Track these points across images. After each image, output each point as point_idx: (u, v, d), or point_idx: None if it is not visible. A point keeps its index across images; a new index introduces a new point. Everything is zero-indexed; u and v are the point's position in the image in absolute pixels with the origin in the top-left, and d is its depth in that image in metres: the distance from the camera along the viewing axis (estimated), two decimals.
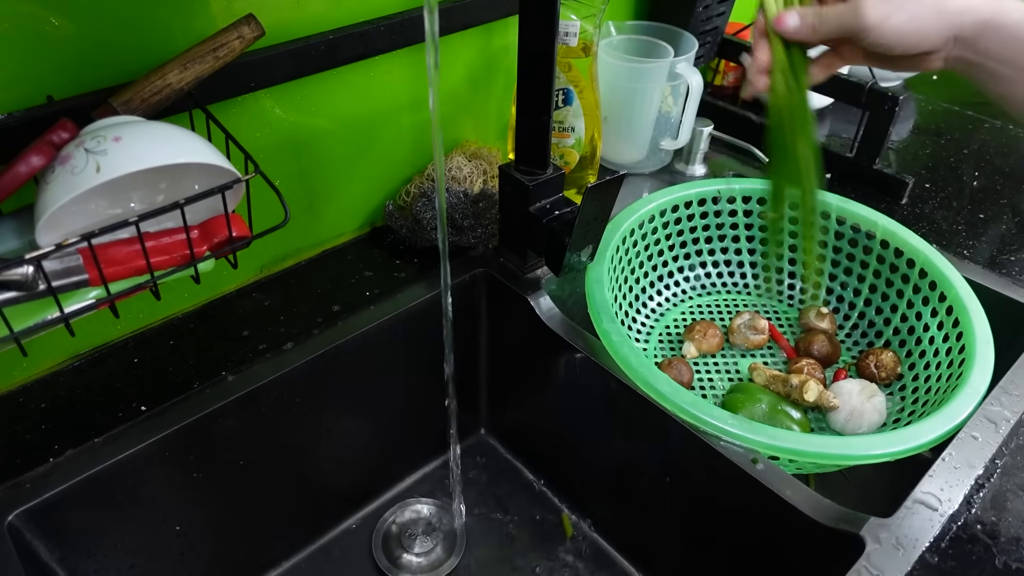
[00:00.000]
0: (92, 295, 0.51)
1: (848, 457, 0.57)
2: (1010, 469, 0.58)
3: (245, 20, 0.55)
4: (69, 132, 0.48)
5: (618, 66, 0.87)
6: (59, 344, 0.64)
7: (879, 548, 0.52)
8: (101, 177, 0.44)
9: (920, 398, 0.71)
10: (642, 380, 0.62)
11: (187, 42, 0.55)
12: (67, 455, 0.57)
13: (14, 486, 0.55)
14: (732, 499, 0.61)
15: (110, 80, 0.56)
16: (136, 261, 0.50)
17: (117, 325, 0.67)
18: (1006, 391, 0.64)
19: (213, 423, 0.62)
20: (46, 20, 0.52)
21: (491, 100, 0.87)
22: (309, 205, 0.76)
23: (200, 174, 0.53)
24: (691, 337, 0.80)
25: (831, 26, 0.49)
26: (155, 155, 0.46)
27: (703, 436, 0.60)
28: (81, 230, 0.46)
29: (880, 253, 0.80)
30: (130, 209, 0.53)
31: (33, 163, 0.46)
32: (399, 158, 0.81)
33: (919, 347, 0.75)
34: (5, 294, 0.45)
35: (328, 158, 0.75)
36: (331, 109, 0.72)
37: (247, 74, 0.62)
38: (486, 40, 0.82)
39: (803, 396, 0.70)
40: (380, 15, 0.70)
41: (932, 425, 0.59)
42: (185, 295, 0.71)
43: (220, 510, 0.68)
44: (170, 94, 0.53)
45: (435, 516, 0.82)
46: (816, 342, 0.79)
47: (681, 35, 0.92)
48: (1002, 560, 0.52)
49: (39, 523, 0.55)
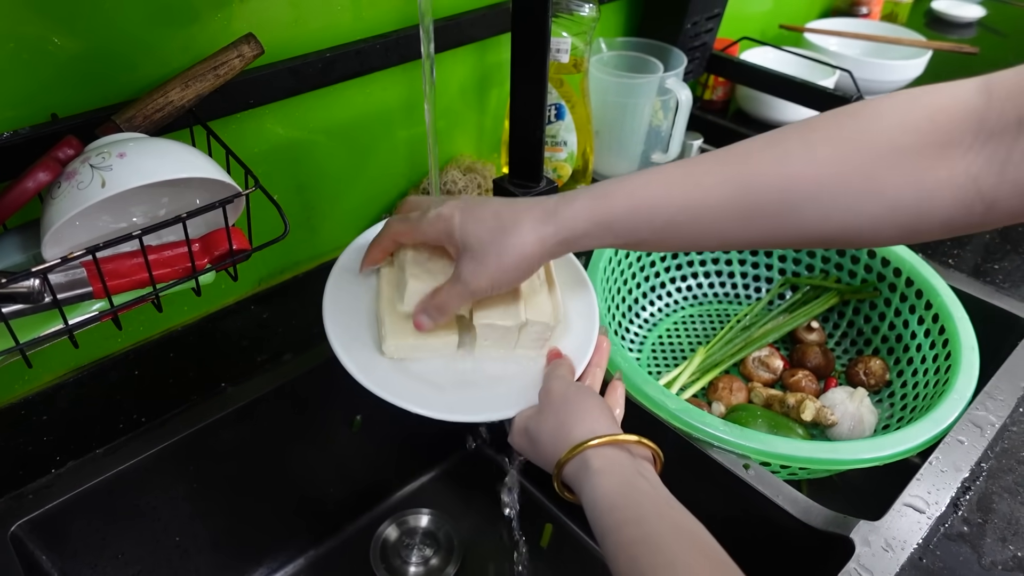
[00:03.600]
0: (95, 307, 0.52)
1: (837, 462, 0.59)
2: (995, 472, 0.60)
3: (245, 39, 0.56)
4: (74, 149, 0.50)
5: (609, 81, 0.89)
6: (60, 357, 0.65)
7: (868, 550, 0.53)
8: (106, 192, 0.45)
9: (908, 404, 0.72)
10: (635, 388, 0.63)
11: (188, 61, 0.56)
12: (68, 466, 0.58)
13: (16, 497, 0.56)
14: (724, 504, 0.62)
15: (113, 98, 0.57)
16: (139, 274, 0.51)
17: (118, 338, 0.68)
18: (991, 396, 0.65)
19: (212, 434, 0.63)
20: (49, 40, 0.54)
21: (485, 115, 0.89)
22: (307, 219, 0.77)
23: (201, 188, 0.54)
24: (717, 396, 0.76)
25: (451, 310, 0.52)
26: (158, 170, 0.47)
27: (696, 443, 0.61)
28: (85, 244, 0.47)
29: (867, 263, 0.82)
30: (133, 223, 0.54)
31: (40, 179, 0.47)
32: (395, 172, 0.83)
33: (907, 354, 0.77)
34: (12, 306, 0.46)
35: (325, 172, 0.76)
36: (328, 124, 0.73)
37: (246, 91, 0.64)
38: (480, 57, 0.84)
39: (800, 415, 0.71)
40: (376, 33, 0.72)
41: (919, 430, 0.60)
42: (185, 308, 0.71)
43: (219, 520, 0.68)
44: (172, 111, 0.54)
45: (433, 526, 0.83)
46: (810, 354, 0.80)
47: (670, 51, 0.94)
48: (988, 560, 0.53)
49: (41, 534, 0.56)
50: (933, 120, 0.40)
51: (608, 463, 0.45)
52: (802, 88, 1.01)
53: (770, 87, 1.06)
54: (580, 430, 0.47)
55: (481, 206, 0.50)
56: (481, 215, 0.50)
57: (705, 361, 0.81)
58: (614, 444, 0.46)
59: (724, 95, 1.18)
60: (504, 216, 0.49)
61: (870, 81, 1.18)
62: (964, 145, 0.39)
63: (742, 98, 1.18)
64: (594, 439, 0.46)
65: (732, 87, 1.18)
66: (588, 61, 0.83)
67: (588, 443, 0.46)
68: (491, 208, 0.50)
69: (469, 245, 0.49)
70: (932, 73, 1.25)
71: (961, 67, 1.39)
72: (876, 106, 0.43)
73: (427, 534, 0.82)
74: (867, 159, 0.41)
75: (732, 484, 0.59)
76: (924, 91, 0.42)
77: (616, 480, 0.44)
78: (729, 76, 1.13)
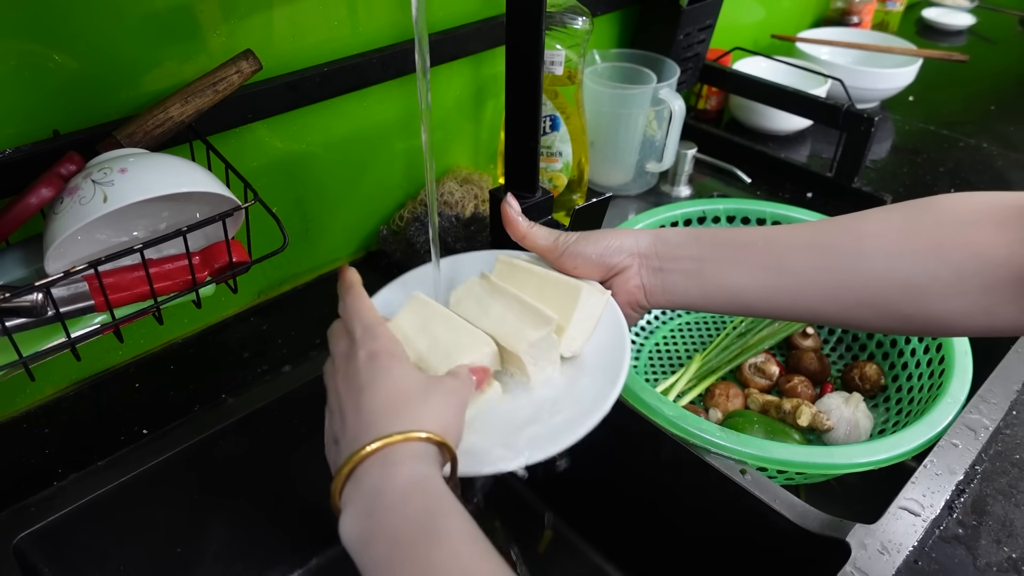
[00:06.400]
0: (97, 320, 0.52)
1: (833, 466, 0.59)
2: (989, 475, 0.60)
3: (243, 55, 0.57)
4: (76, 164, 0.50)
5: (603, 92, 0.90)
6: (62, 370, 0.66)
7: (865, 553, 0.53)
8: (108, 207, 0.46)
9: (903, 408, 0.73)
10: (632, 395, 0.64)
11: (188, 77, 0.57)
12: (70, 479, 0.58)
13: (19, 510, 0.56)
14: (722, 509, 0.62)
15: (114, 114, 0.58)
16: (140, 287, 0.51)
17: (119, 351, 0.68)
18: (984, 399, 0.66)
19: (213, 445, 0.63)
20: (50, 58, 0.54)
21: (481, 127, 0.90)
22: (305, 231, 0.78)
23: (201, 202, 0.55)
24: (714, 403, 0.76)
25: (540, 241, 0.55)
26: (159, 185, 0.48)
27: (693, 449, 0.61)
28: (87, 258, 0.48)
29: None
30: (134, 237, 0.55)
31: (43, 194, 0.48)
32: (392, 184, 0.84)
33: (901, 359, 0.77)
34: (15, 320, 0.47)
35: (323, 185, 0.77)
36: (326, 138, 0.74)
37: (245, 106, 0.64)
38: (475, 70, 0.85)
39: (796, 421, 0.71)
40: (372, 48, 0.73)
41: (914, 434, 0.61)
42: (185, 320, 0.72)
43: (221, 531, 0.68)
44: (172, 126, 0.55)
45: None
46: (806, 359, 0.81)
47: (663, 62, 0.96)
48: (983, 562, 0.54)
49: (44, 546, 0.56)
50: (993, 205, 0.45)
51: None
52: (794, 97, 1.02)
53: (763, 96, 1.07)
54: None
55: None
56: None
57: (702, 368, 0.81)
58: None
59: (717, 105, 1.20)
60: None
61: (861, 89, 1.19)
62: (1022, 230, 0.43)
63: (735, 107, 1.19)
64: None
65: (725, 97, 1.20)
66: (582, 73, 0.84)
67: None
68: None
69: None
70: (923, 81, 1.27)
71: (952, 75, 1.41)
72: (948, 195, 0.48)
73: None
74: (931, 225, 0.46)
75: (729, 489, 0.60)
76: (992, 192, 0.47)
77: None
78: (722, 86, 1.14)
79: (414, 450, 0.38)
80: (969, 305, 0.45)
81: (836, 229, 0.49)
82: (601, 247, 0.53)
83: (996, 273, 0.43)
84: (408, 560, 0.34)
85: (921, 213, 0.47)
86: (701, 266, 0.52)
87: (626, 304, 0.54)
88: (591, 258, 0.53)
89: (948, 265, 0.45)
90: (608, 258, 0.53)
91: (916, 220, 0.47)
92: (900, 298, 0.46)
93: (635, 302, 0.55)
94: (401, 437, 0.38)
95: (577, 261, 0.54)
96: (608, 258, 0.53)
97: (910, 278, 0.46)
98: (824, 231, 0.50)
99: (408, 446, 0.38)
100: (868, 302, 0.48)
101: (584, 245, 0.53)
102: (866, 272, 0.47)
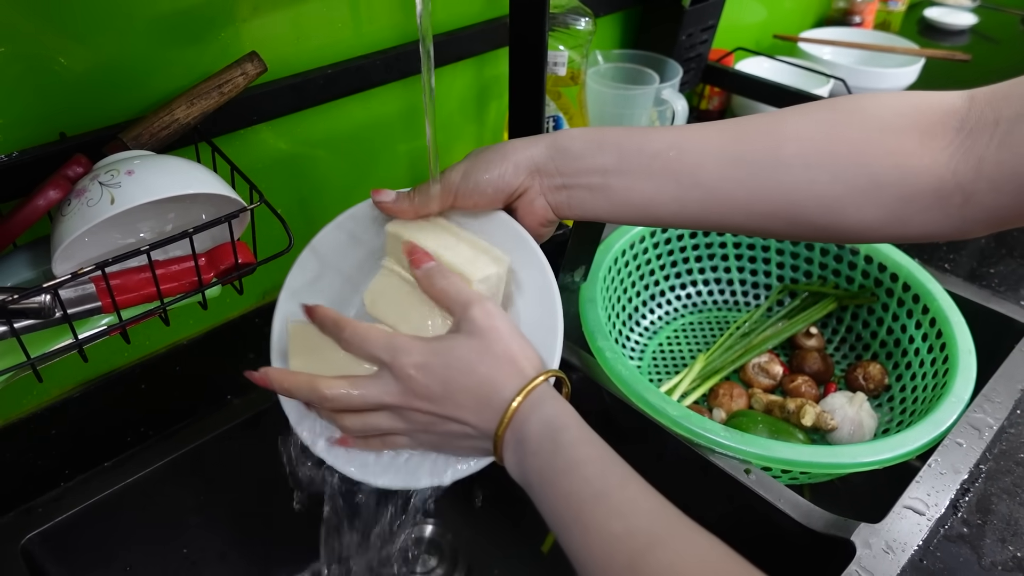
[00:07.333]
0: (104, 322, 0.53)
1: (838, 466, 0.59)
2: (994, 474, 0.60)
3: (248, 57, 0.57)
4: (83, 167, 0.51)
5: (606, 93, 0.90)
6: (69, 371, 0.66)
7: (869, 552, 0.54)
8: (115, 208, 0.46)
9: (907, 408, 0.73)
10: (636, 395, 0.64)
11: (193, 79, 0.57)
12: (77, 480, 0.59)
13: (26, 511, 0.56)
14: (726, 508, 0.62)
15: (120, 116, 0.58)
16: (147, 288, 0.52)
17: (125, 352, 0.69)
18: (988, 399, 0.66)
19: (219, 446, 0.64)
20: (56, 61, 0.55)
21: (484, 128, 0.90)
22: (311, 232, 0.78)
23: (207, 204, 0.55)
24: (718, 403, 0.77)
25: (432, 205, 0.53)
26: (166, 187, 0.48)
27: (697, 449, 0.62)
28: (94, 260, 0.48)
29: (864, 268, 0.83)
30: (141, 239, 0.55)
31: (51, 196, 0.48)
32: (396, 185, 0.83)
33: (905, 358, 0.77)
34: (23, 322, 0.47)
35: (328, 186, 0.77)
36: (330, 139, 0.74)
37: (250, 108, 0.65)
38: (478, 71, 0.85)
39: (800, 421, 0.71)
40: (376, 49, 0.73)
41: (918, 433, 0.61)
42: (191, 321, 0.72)
43: (226, 531, 0.69)
44: (178, 129, 0.56)
45: (437, 535, 0.83)
46: (809, 359, 0.81)
47: (666, 62, 0.96)
48: (988, 561, 0.54)
49: (51, 546, 0.56)
50: (919, 109, 0.43)
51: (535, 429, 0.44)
52: (796, 97, 1.02)
53: (765, 96, 1.07)
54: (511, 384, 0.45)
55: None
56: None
57: (705, 368, 0.81)
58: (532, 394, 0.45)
59: (720, 105, 1.20)
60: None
61: (864, 89, 1.19)
62: (946, 139, 0.42)
63: (738, 108, 1.19)
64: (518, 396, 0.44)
65: (728, 97, 1.20)
66: (585, 73, 0.84)
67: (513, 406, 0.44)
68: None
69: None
70: (925, 80, 1.27)
71: (954, 75, 1.41)
72: (871, 95, 0.46)
73: (431, 543, 0.82)
74: (855, 131, 0.44)
75: (734, 489, 0.60)
76: (916, 92, 0.45)
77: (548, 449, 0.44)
78: (724, 86, 1.15)
79: (533, 400, 0.45)
80: (885, 215, 0.44)
81: (754, 132, 0.47)
82: (495, 174, 0.50)
83: (916, 183, 0.42)
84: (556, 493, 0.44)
85: (844, 116, 0.45)
86: (607, 180, 0.49)
87: (536, 224, 0.52)
88: (487, 192, 0.50)
89: (868, 175, 0.43)
90: (505, 184, 0.50)
91: (839, 125, 0.45)
92: (815, 209, 0.45)
93: (544, 219, 0.52)
94: (520, 398, 0.44)
95: (474, 198, 0.51)
96: (505, 184, 0.50)
97: (828, 188, 0.44)
98: (741, 136, 0.47)
99: (525, 403, 0.45)
100: (782, 214, 0.46)
101: (476, 177, 0.50)
102: (784, 184, 0.45)
